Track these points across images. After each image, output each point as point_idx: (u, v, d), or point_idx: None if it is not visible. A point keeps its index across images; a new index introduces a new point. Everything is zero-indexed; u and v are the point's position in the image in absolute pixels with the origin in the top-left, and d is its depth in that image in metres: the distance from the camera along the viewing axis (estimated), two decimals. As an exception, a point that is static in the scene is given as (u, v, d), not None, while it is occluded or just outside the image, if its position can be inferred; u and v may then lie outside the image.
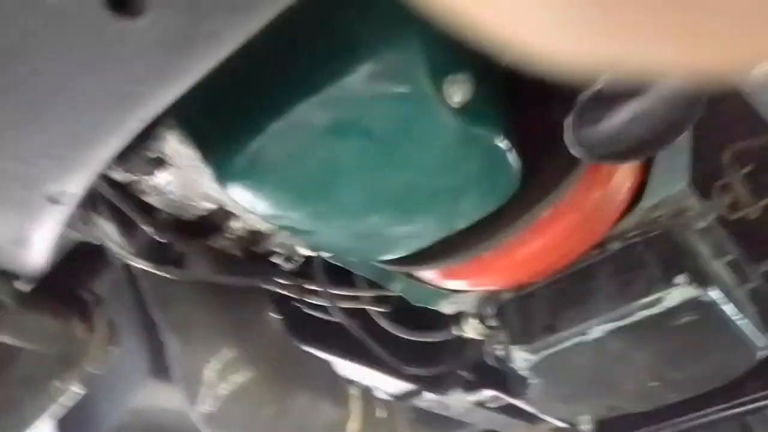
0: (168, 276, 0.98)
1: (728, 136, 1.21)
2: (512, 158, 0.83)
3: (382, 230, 0.87)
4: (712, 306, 1.09)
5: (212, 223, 1.03)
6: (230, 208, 1.00)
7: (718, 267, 1.21)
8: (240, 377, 0.98)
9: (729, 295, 1.14)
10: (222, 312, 1.03)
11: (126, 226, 0.98)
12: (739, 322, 1.15)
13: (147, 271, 1.00)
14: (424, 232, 0.90)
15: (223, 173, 0.78)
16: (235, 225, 1.04)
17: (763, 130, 1.11)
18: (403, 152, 0.75)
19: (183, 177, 0.93)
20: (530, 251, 1.04)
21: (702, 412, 1.67)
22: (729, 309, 1.12)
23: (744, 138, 1.19)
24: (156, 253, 0.99)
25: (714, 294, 1.08)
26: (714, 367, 1.32)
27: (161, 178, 0.92)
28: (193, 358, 0.99)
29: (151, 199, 0.98)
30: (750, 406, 1.67)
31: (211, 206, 1.00)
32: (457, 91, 0.71)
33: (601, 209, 1.03)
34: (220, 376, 0.97)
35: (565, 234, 1.02)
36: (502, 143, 0.79)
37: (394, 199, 0.81)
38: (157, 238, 0.97)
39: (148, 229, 0.95)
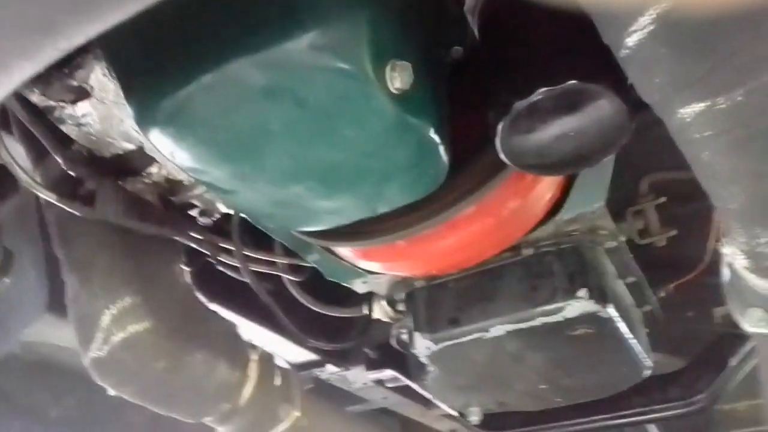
0: (75, 212, 0.94)
1: (649, 165, 1.27)
2: (442, 153, 0.83)
3: (303, 202, 0.86)
4: (607, 322, 1.14)
5: (129, 164, 1.00)
6: (150, 151, 0.96)
7: (620, 287, 1.27)
8: (137, 326, 0.96)
9: (625, 315, 1.20)
10: (128, 258, 1.00)
11: (37, 152, 0.93)
12: (630, 341, 1.22)
13: (54, 203, 0.95)
14: (345, 210, 0.90)
15: (145, 116, 0.75)
16: (153, 170, 1.01)
17: (682, 166, 1.17)
18: (335, 128, 0.74)
19: (104, 111, 0.89)
20: (447, 245, 1.05)
21: (585, 419, 1.77)
22: (623, 327, 1.17)
23: (664, 170, 1.25)
24: (65, 187, 0.94)
25: (611, 311, 1.13)
26: (602, 379, 1.39)
27: (81, 108, 0.88)
28: (91, 300, 0.95)
29: (68, 129, 0.93)
30: (631, 419, 1.78)
31: (130, 147, 0.96)
32: (398, 78, 0.71)
33: (520, 215, 1.06)
34: (116, 322, 0.95)
35: (483, 233, 1.04)
36: (434, 136, 0.80)
37: (319, 172, 0.81)
38: (69, 170, 0.92)
39: (59, 159, 0.91)
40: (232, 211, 1.13)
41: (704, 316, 1.62)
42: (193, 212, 1.15)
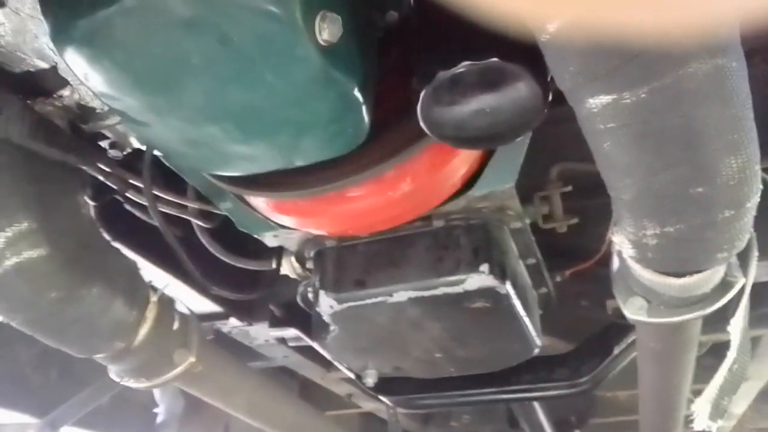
0: (-26, 127, 0.89)
1: (561, 155, 1.32)
2: (364, 112, 0.84)
3: (217, 143, 0.85)
4: (504, 298, 1.20)
5: (40, 84, 0.95)
6: (64, 73, 0.92)
7: (520, 267, 1.33)
8: (32, 252, 0.92)
9: (522, 293, 1.26)
10: (29, 182, 0.95)
11: (-64, 58, 0.87)
12: (524, 318, 1.28)
13: (-49, 115, 0.90)
14: (260, 157, 0.89)
15: (61, 33, 0.71)
16: (65, 93, 0.96)
17: (591, 159, 1.23)
18: (257, 72, 0.73)
19: (19, 24, 0.85)
20: (360, 206, 1.07)
21: (476, 391, 1.85)
22: (518, 305, 1.24)
23: (574, 161, 1.31)
24: (-34, 98, 0.89)
25: (509, 288, 1.18)
26: (494, 353, 1.45)
27: (-8, 18, 0.83)
28: (-16, 220, 0.91)
29: (-25, 39, 0.88)
30: (518, 395, 1.87)
31: (42, 65, 0.92)
32: (326, 29, 0.71)
33: (435, 185, 1.09)
34: (10, 246, 0.90)
35: (397, 198, 1.06)
36: (357, 94, 0.80)
37: (236, 115, 0.80)
38: (-29, 82, 0.87)
39: (-39, 68, 0.86)
40: (144, 147, 1.10)
41: (597, 306, 1.72)
42: (104, 143, 1.11)
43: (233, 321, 1.89)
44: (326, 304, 1.26)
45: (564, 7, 0.31)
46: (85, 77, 0.75)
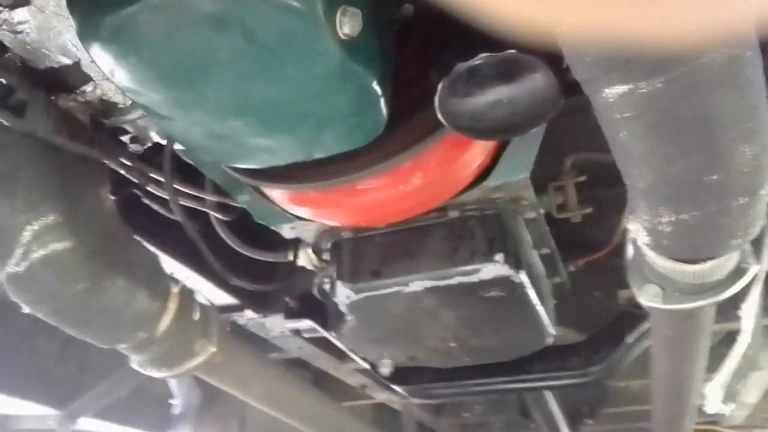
0: (3, 122, 0.91)
1: (575, 144, 1.34)
2: (383, 105, 0.85)
3: (240, 137, 0.87)
4: (519, 287, 1.21)
5: (64, 80, 0.97)
6: (87, 69, 0.94)
7: (535, 257, 1.35)
8: (58, 245, 0.94)
9: (536, 283, 1.27)
10: (54, 175, 0.97)
11: (-34, 54, 0.89)
12: (538, 308, 1.30)
13: (-21, 109, 0.92)
14: (281, 150, 0.91)
15: (88, 30, 0.73)
16: (88, 89, 0.98)
17: (607, 148, 1.24)
18: (280, 66, 0.75)
19: (43, 21, 0.87)
20: (378, 197, 1.09)
21: (490, 380, 1.86)
22: (532, 294, 1.25)
23: (588, 151, 1.32)
24: (-6, 94, 0.91)
25: (523, 277, 1.20)
26: (508, 342, 1.47)
27: (19, 14, 0.85)
28: (13, 213, 0.93)
29: (2, 35, 0.90)
30: (531, 384, 1.89)
31: (66, 61, 0.94)
32: (347, 24, 0.72)
33: (451, 176, 1.10)
34: (37, 239, 0.93)
35: (413, 190, 1.08)
36: (376, 87, 0.82)
37: (258, 109, 0.82)
38: (0, 76, 0.89)
39: (-9, 64, 0.88)
40: (164, 141, 1.12)
41: (610, 296, 1.73)
42: (125, 138, 1.13)
43: (249, 313, 1.91)
44: (343, 295, 1.28)
45: (572, 18, 0.31)
46: (111, 73, 0.77)
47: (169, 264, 1.52)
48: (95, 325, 1.06)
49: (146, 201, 1.43)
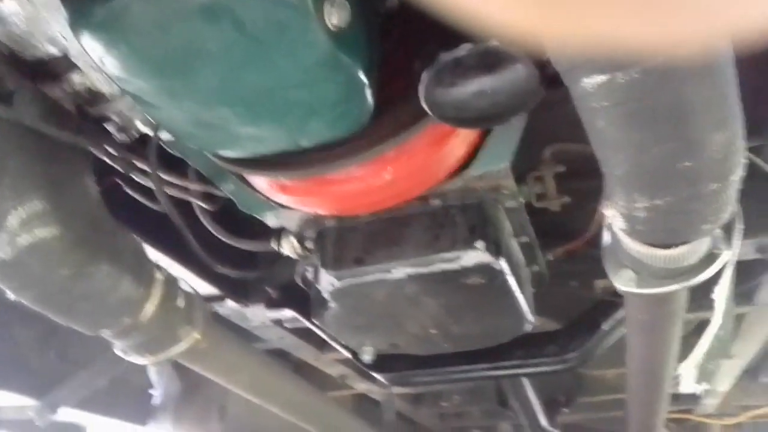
0: (-9, 110, 0.92)
1: (555, 135, 1.37)
2: (368, 95, 0.87)
3: (227, 125, 0.88)
4: (499, 274, 1.24)
5: (51, 69, 0.97)
6: (74, 59, 0.95)
7: (514, 245, 1.38)
8: (44, 231, 0.95)
9: (515, 270, 1.31)
10: (40, 163, 0.98)
11: (-48, 43, 0.89)
12: (517, 295, 1.33)
13: (-36, 98, 0.92)
14: (268, 138, 0.93)
15: (79, 19, 0.74)
16: (75, 79, 0.99)
17: (587, 139, 1.27)
18: (269, 56, 0.76)
19: (32, 12, 0.87)
20: (362, 186, 1.10)
21: (467, 367, 1.90)
22: (512, 281, 1.28)
23: (567, 141, 1.35)
24: (-19, 83, 0.91)
25: (503, 264, 1.23)
26: (488, 329, 1.50)
27: (8, 6, 0.86)
28: (-2, 200, 0.94)
29: (-9, 26, 0.90)
30: (509, 371, 1.93)
31: (54, 52, 0.94)
32: (336, 14, 0.74)
33: (434, 165, 1.13)
34: (23, 225, 0.93)
35: (397, 178, 1.10)
36: (363, 77, 0.84)
37: (247, 98, 0.83)
38: (-13, 66, 0.90)
39: (-22, 53, 0.88)
40: (150, 131, 1.12)
41: (586, 286, 1.78)
42: (110, 128, 1.14)
43: (230, 303, 1.92)
44: (326, 282, 1.30)
45: (557, 25, 0.33)
46: (101, 61, 0.78)
47: (151, 254, 1.53)
48: (80, 311, 1.07)
49: (129, 191, 1.43)
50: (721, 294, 1.05)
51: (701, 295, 1.15)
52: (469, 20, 0.32)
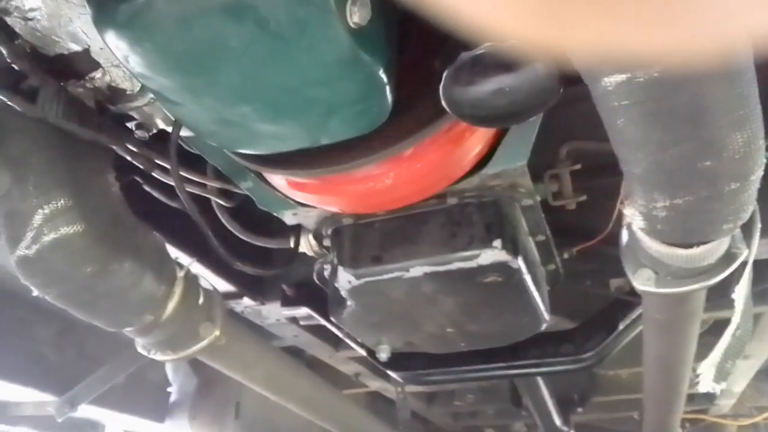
0: (16, 107, 0.93)
1: (571, 133, 1.37)
2: (388, 92, 0.88)
3: (248, 123, 0.89)
4: (516, 273, 1.24)
5: (73, 66, 0.98)
6: (96, 56, 0.96)
7: (530, 243, 1.38)
8: (68, 228, 0.96)
9: (532, 269, 1.31)
10: (63, 160, 0.99)
11: (-22, 38, 0.90)
12: (534, 293, 1.33)
13: (-8, 95, 0.94)
14: (288, 136, 0.93)
15: (104, 17, 0.75)
16: (96, 76, 1.00)
17: (602, 137, 1.27)
18: (291, 54, 0.77)
19: (54, 8, 0.88)
20: (379, 184, 1.11)
21: (482, 366, 1.90)
22: (529, 279, 1.28)
23: (583, 139, 1.35)
24: (7, 80, 0.93)
25: (520, 263, 1.23)
26: (504, 327, 1.50)
27: (29, 1, 0.87)
28: (23, 198, 0.94)
29: (12, 22, 0.91)
30: (524, 371, 1.92)
31: (76, 48, 0.95)
32: (357, 13, 0.75)
33: (451, 163, 1.13)
34: (47, 222, 0.95)
35: (414, 177, 1.11)
36: (383, 75, 0.84)
37: (268, 95, 0.84)
38: (13, 63, 0.91)
39: (3, 50, 0.89)
40: (169, 128, 1.14)
41: (601, 285, 1.77)
42: (130, 125, 1.15)
43: (246, 301, 1.94)
44: (344, 280, 1.30)
45: (574, 38, 0.32)
46: (125, 59, 0.79)
47: (169, 251, 1.54)
48: (103, 308, 1.08)
49: (148, 188, 1.45)
50: (741, 293, 1.05)
51: (717, 295, 1.15)
52: (484, 33, 0.32)
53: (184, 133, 1.13)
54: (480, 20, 0.30)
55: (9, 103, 0.93)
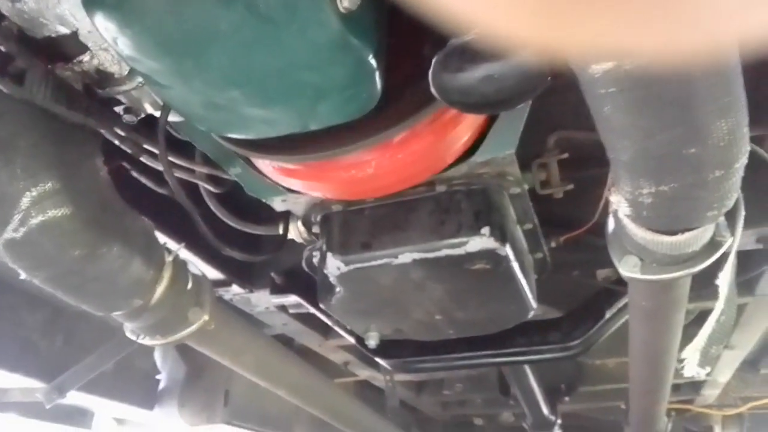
0: (3, 89, 0.92)
1: (559, 122, 1.38)
2: (377, 78, 0.88)
3: (238, 107, 0.89)
4: (503, 260, 1.25)
5: (61, 49, 0.98)
6: (84, 39, 0.95)
7: (518, 231, 1.39)
8: (56, 211, 0.96)
9: (519, 257, 1.32)
10: (52, 143, 0.99)
11: (-36, 20, 0.90)
12: (521, 281, 1.34)
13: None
14: (277, 121, 0.93)
15: (93, -1, 0.75)
16: (85, 59, 1.00)
17: (590, 127, 1.28)
18: (280, 38, 0.77)
19: None
20: (368, 170, 1.11)
21: (470, 354, 1.91)
22: (516, 267, 1.29)
23: (571, 128, 1.36)
24: (-7, 61, 0.92)
25: (508, 250, 1.24)
26: (492, 315, 1.52)
27: (16, -18, 0.86)
28: (11, 180, 0.94)
29: (0, 3, 0.90)
30: (513, 358, 1.94)
31: (64, 31, 0.95)
32: (347, -3, 0.75)
33: (440, 150, 1.13)
34: (35, 205, 0.94)
35: (403, 164, 1.11)
36: (372, 61, 0.84)
37: (258, 79, 0.84)
38: (-1, 45, 0.91)
39: (-10, 31, 0.89)
40: (157, 113, 1.13)
41: (588, 275, 1.79)
42: (118, 109, 1.15)
43: (235, 288, 1.94)
44: (333, 266, 1.31)
45: (560, 36, 0.33)
46: (114, 41, 0.79)
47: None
48: (91, 292, 1.08)
49: (135, 173, 1.44)
50: (725, 279, 1.06)
51: (701, 285, 1.16)
52: (477, 31, 0.32)
53: (172, 118, 1.13)
54: (473, 19, 0.31)
55: (-4, 84, 0.92)
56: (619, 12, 0.29)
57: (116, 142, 1.17)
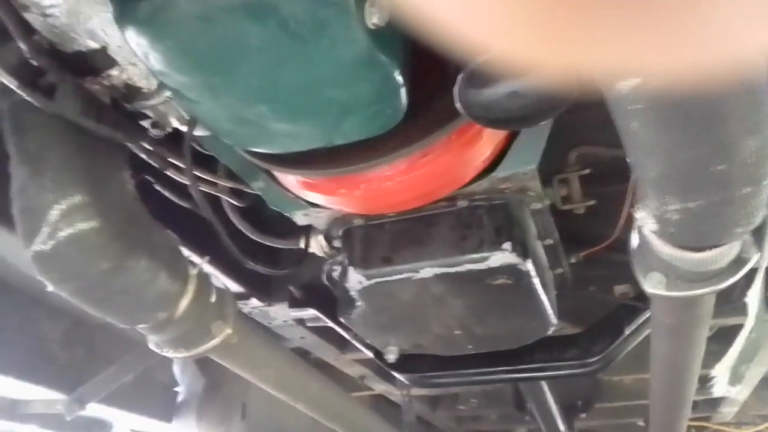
0: (34, 102, 0.94)
1: (581, 137, 1.37)
2: (402, 94, 0.89)
3: (265, 122, 0.90)
4: (525, 275, 1.25)
5: (90, 63, 0.99)
6: (114, 53, 0.97)
7: (539, 247, 1.39)
8: (85, 224, 0.97)
9: (540, 272, 1.31)
10: (80, 156, 1.00)
11: (-2, 34, 0.92)
12: (542, 296, 1.33)
13: (9, 90, 0.95)
14: (303, 136, 0.94)
15: (125, 14, 0.77)
16: (114, 73, 1.01)
17: (612, 143, 1.27)
18: (309, 54, 0.78)
19: (72, 5, 0.89)
20: (390, 185, 1.12)
21: (488, 369, 1.90)
22: (537, 282, 1.29)
23: (593, 144, 1.36)
24: (26, 75, 0.94)
25: (530, 266, 1.24)
26: (511, 330, 1.51)
27: (47, -1, 0.88)
28: (40, 193, 0.95)
29: (31, 18, 0.92)
30: (530, 374, 1.92)
31: (93, 45, 0.96)
32: (376, 14, 0.75)
33: (462, 166, 1.14)
34: (64, 218, 0.95)
35: (425, 179, 1.11)
36: (398, 77, 0.85)
37: (285, 95, 0.85)
38: (32, 59, 0.92)
39: (23, 46, 0.90)
40: (184, 128, 1.15)
41: (605, 291, 1.77)
42: (145, 123, 1.16)
43: (254, 301, 1.94)
44: (355, 280, 1.31)
45: (576, 59, 0.32)
46: (145, 56, 0.80)
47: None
48: (117, 305, 1.09)
49: (159, 187, 1.46)
50: (754, 296, 1.05)
51: (721, 302, 1.15)
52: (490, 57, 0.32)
53: (197, 132, 1.14)
54: (486, 45, 0.31)
55: (28, 98, 0.94)
56: (638, 33, 0.29)
57: (143, 156, 1.18)
